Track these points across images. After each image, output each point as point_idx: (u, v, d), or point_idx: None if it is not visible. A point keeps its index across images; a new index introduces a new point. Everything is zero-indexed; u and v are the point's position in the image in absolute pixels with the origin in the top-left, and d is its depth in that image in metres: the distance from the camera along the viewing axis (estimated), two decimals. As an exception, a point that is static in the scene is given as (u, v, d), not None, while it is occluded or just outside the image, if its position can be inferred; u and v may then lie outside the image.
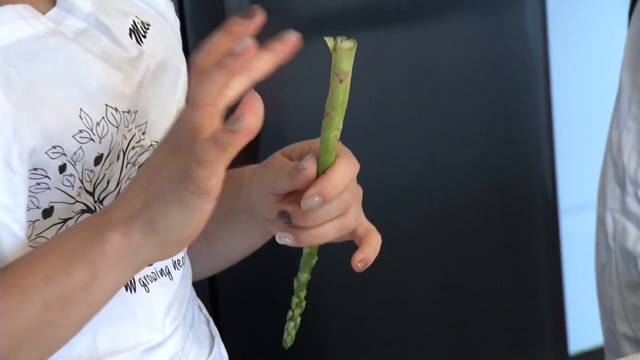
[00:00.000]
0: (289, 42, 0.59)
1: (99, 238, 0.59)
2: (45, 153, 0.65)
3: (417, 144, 1.36)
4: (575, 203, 1.59)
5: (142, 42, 0.76)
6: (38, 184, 0.65)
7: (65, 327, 0.61)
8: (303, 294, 0.69)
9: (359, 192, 0.69)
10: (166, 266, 0.72)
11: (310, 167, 0.64)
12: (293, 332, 0.70)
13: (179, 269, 0.73)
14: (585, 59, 1.74)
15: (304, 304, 0.70)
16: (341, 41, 0.61)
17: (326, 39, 0.61)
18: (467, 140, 1.38)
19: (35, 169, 0.65)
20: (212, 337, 0.78)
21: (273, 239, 0.69)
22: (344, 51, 0.61)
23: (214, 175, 0.56)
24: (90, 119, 0.68)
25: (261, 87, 0.58)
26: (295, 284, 0.69)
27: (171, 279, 0.72)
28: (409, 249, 1.34)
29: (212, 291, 1.32)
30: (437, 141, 1.37)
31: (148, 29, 0.77)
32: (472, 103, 1.38)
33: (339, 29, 1.34)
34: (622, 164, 0.99)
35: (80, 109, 0.68)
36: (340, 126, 0.62)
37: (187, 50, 0.84)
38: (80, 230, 0.62)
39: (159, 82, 0.76)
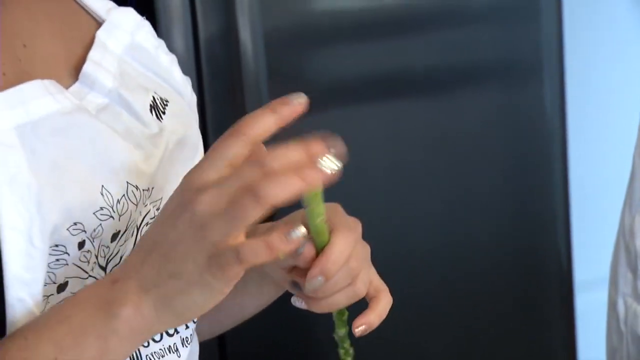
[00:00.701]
0: (295, 105, 0.59)
1: (110, 313, 0.58)
2: (67, 229, 0.66)
3: (433, 214, 1.38)
4: (590, 278, 1.59)
5: (162, 118, 0.77)
6: (57, 260, 0.65)
7: None
8: (347, 344, 0.69)
9: (365, 251, 0.69)
10: (174, 343, 0.72)
11: (307, 252, 0.63)
12: None
13: (187, 347, 0.73)
14: (603, 134, 1.76)
15: (351, 350, 0.70)
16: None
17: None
18: (483, 211, 1.40)
19: (56, 245, 0.65)
20: None
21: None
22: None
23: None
24: (112, 196, 0.69)
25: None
26: (336, 338, 0.70)
27: (179, 357, 0.72)
28: (423, 317, 1.36)
29: (220, 345, 1.35)
30: (453, 211, 1.39)
31: (167, 105, 0.79)
32: (488, 175, 1.40)
33: (358, 98, 1.41)
34: (634, 248, 0.99)
35: (102, 186, 0.69)
36: (322, 211, 0.63)
37: (204, 127, 0.87)
38: (89, 299, 0.61)
39: (177, 159, 0.77)
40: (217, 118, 1.28)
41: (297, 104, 0.58)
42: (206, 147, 0.97)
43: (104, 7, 0.79)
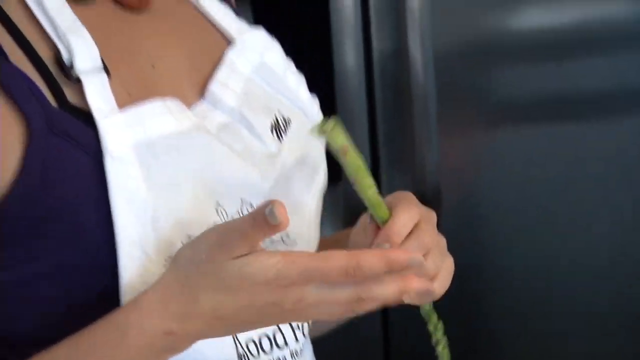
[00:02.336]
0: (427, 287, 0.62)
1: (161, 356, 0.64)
2: (181, 242, 0.69)
3: (608, 233, 1.41)
4: None
5: (282, 138, 0.80)
6: None
7: None
8: (435, 319, 0.72)
9: (441, 241, 0.71)
10: (284, 356, 0.76)
11: (370, 229, 0.69)
12: (445, 352, 0.73)
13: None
14: None
15: (440, 325, 0.73)
16: (323, 125, 0.67)
17: (311, 128, 0.67)
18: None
19: (170, 257, 0.68)
20: None
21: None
22: (333, 132, 0.67)
23: None
24: (226, 212, 0.72)
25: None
26: (422, 314, 0.73)
27: None
28: (595, 330, 1.40)
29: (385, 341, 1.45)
30: (628, 232, 1.40)
31: (289, 124, 0.82)
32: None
33: (531, 119, 1.44)
34: None
35: (217, 202, 0.72)
36: (371, 182, 0.68)
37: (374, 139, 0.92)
38: (133, 342, 0.64)
39: (295, 177, 0.80)
40: (386, 131, 1.36)
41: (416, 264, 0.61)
42: (374, 158, 1.02)
43: (236, 27, 0.84)
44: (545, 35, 1.41)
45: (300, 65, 0.88)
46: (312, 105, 0.85)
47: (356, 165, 0.67)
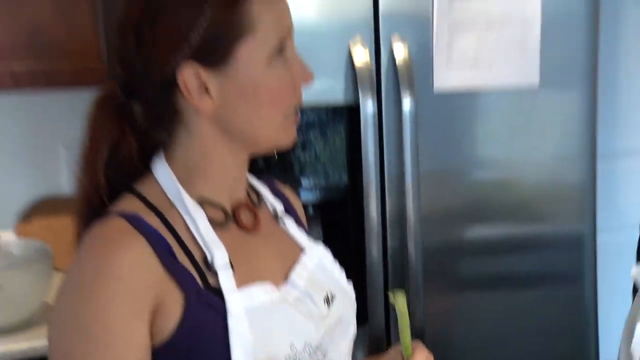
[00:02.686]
0: None
1: None
2: None
3: None
4: None
5: (330, 306, 1.08)
6: None
7: None
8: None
9: None
10: None
11: None
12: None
13: None
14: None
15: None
16: (394, 292, 1.03)
17: (390, 291, 1.05)
18: None
19: None
20: None
21: None
22: (398, 297, 1.02)
23: None
24: (296, 349, 1.00)
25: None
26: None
27: None
28: None
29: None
30: None
31: (334, 298, 1.09)
32: None
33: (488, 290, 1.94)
34: None
35: (291, 343, 1.00)
36: (408, 332, 1.01)
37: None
38: None
39: (336, 329, 1.08)
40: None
41: None
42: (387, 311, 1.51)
43: (306, 242, 1.14)
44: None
45: (342, 260, 1.18)
46: (349, 286, 1.15)
47: (404, 320, 1.01)
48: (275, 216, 1.14)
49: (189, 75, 0.98)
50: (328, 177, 1.91)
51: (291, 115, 1.04)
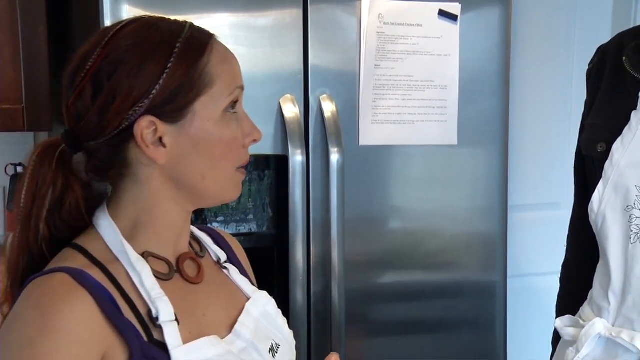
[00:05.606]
0: None
1: None
2: None
3: None
4: None
5: (275, 356, 1.10)
6: None
7: None
8: None
9: None
10: None
11: None
12: None
13: None
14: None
15: None
16: None
17: None
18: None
19: None
20: None
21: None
22: None
23: None
24: None
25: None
26: None
27: None
28: None
29: None
30: None
31: (279, 347, 1.11)
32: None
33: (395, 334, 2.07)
34: None
35: None
36: None
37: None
38: None
39: None
40: (316, 342, 1.94)
41: None
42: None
43: (251, 289, 1.14)
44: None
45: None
46: (290, 335, 1.16)
47: None
48: (219, 265, 1.16)
49: (146, 127, 1.00)
50: (255, 224, 1.96)
51: (240, 169, 1.07)
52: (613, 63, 1.43)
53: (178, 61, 0.99)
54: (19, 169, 2.27)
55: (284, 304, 1.88)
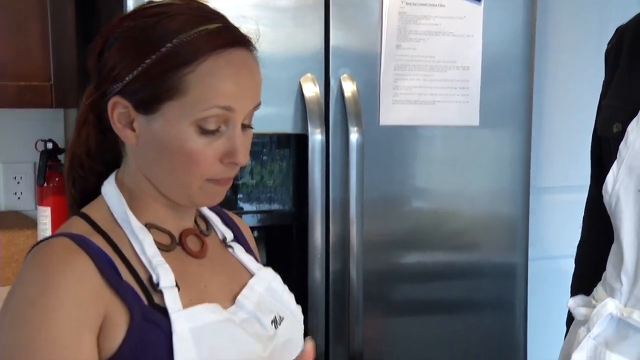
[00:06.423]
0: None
1: None
2: None
3: None
4: None
5: (277, 328, 1.10)
6: None
7: None
8: None
9: None
10: None
11: None
12: None
13: None
14: None
15: None
16: None
17: None
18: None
19: None
20: None
21: None
22: None
23: None
24: None
25: None
26: None
27: None
28: None
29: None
30: None
31: (282, 320, 1.11)
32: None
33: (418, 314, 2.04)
34: None
35: None
36: None
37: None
38: None
39: (284, 350, 1.09)
40: (335, 320, 1.91)
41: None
42: (327, 335, 1.57)
43: (255, 266, 1.16)
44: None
45: (284, 282, 1.20)
46: (297, 309, 1.17)
47: None
48: (225, 244, 1.17)
49: (119, 105, 1.03)
50: (274, 202, 1.97)
51: (213, 182, 1.05)
52: (630, 44, 1.42)
53: (159, 60, 1.00)
54: (49, 145, 2.31)
55: (303, 283, 1.89)
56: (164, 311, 0.98)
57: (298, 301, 1.20)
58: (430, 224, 2.04)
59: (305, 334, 1.44)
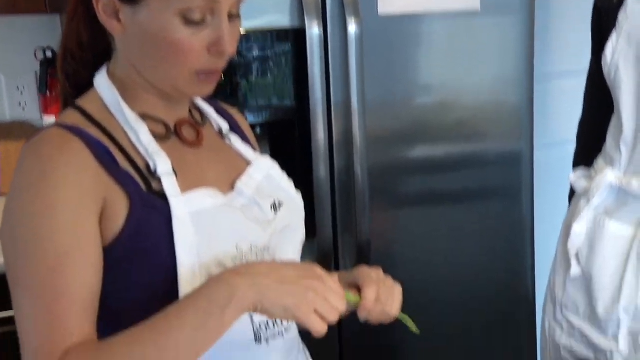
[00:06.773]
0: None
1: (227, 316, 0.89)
2: (214, 267, 0.97)
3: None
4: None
5: (276, 213, 1.11)
6: None
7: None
8: (405, 316, 1.08)
9: (393, 286, 1.06)
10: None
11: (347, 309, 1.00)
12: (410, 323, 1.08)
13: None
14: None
15: (407, 317, 1.07)
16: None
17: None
18: None
19: (209, 275, 0.96)
20: None
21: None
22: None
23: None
24: (242, 250, 1.02)
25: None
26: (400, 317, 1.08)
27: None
28: None
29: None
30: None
31: (282, 205, 1.12)
32: None
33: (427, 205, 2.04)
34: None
35: (236, 244, 1.01)
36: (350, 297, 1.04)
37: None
38: (210, 306, 0.89)
39: (283, 234, 1.10)
40: (341, 210, 1.92)
41: None
42: (335, 227, 1.57)
43: (252, 155, 1.16)
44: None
45: (293, 173, 1.21)
46: (297, 195, 1.18)
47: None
48: (221, 134, 1.17)
49: None
50: (275, 98, 1.95)
51: (202, 74, 1.03)
52: None
53: None
54: (48, 53, 2.29)
55: (308, 178, 1.90)
56: (162, 197, 0.99)
57: (304, 196, 1.20)
58: (434, 115, 2.02)
59: (312, 228, 1.46)
